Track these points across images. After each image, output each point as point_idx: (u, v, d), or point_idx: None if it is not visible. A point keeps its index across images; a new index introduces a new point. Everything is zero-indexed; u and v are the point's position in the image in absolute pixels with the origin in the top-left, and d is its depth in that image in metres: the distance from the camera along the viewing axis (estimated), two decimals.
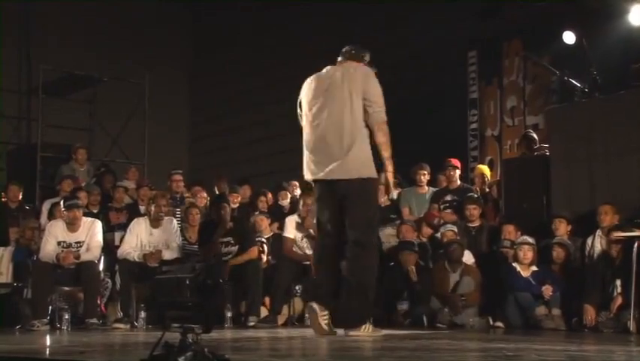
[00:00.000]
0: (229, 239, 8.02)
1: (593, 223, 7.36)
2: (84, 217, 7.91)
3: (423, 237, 8.62)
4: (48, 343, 5.64)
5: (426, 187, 9.22)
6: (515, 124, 10.31)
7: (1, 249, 8.42)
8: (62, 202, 8.01)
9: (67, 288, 7.77)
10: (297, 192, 9.84)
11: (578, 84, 8.38)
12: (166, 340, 3.27)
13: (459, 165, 9.22)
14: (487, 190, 9.21)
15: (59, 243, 7.70)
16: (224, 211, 8.12)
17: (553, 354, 4.36)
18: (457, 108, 10.78)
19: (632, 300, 6.60)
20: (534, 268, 7.40)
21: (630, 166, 7.59)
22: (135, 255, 7.76)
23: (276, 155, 12.82)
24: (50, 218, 8.58)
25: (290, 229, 8.22)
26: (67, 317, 7.10)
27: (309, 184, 5.93)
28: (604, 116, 7.93)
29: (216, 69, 14.92)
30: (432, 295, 7.71)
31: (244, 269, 7.81)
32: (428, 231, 8.70)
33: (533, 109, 10.09)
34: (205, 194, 9.82)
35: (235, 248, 8.00)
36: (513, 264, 7.46)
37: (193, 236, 8.40)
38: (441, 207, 8.91)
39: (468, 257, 7.90)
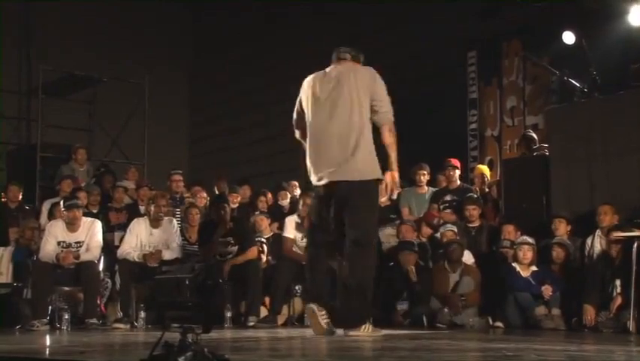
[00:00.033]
0: (229, 239, 8.03)
1: (593, 223, 7.37)
2: (84, 217, 7.91)
3: (423, 237, 8.62)
4: (48, 343, 5.63)
5: (426, 187, 9.22)
6: (515, 124, 10.32)
7: (0, 249, 8.41)
8: (62, 202, 8.01)
9: (67, 288, 7.76)
10: (297, 192, 9.85)
11: (578, 84, 8.39)
12: (166, 340, 3.27)
13: (459, 165, 9.22)
14: (486, 190, 9.21)
15: (59, 243, 7.70)
16: (223, 211, 8.12)
17: (552, 354, 4.36)
18: (457, 108, 10.78)
19: (632, 300, 6.60)
20: (534, 268, 7.40)
21: (630, 166, 7.60)
22: (135, 255, 7.76)
23: (276, 155, 12.84)
24: (50, 218, 8.58)
25: (290, 229, 8.23)
26: (67, 317, 7.09)
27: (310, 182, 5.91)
28: (603, 116, 7.94)
29: (216, 69, 14.92)
30: (432, 295, 7.71)
31: (244, 269, 7.82)
32: (428, 231, 8.70)
33: (533, 109, 10.10)
34: (205, 194, 9.83)
35: (235, 248, 8.00)
36: (513, 264, 7.46)
37: (193, 236, 8.41)
38: (440, 207, 8.91)
39: (468, 257, 7.90)
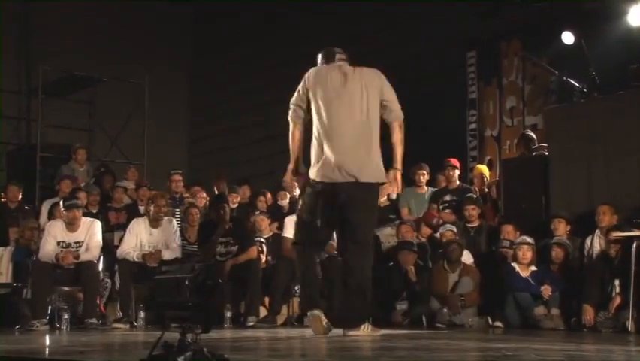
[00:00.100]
0: (228, 239, 8.03)
1: (592, 223, 7.37)
2: (83, 217, 7.91)
3: (422, 237, 8.62)
4: (47, 343, 5.63)
5: (425, 187, 9.23)
6: (514, 124, 10.32)
7: (0, 249, 8.42)
8: (62, 202, 8.01)
9: (66, 288, 7.76)
10: (297, 192, 9.83)
11: (577, 84, 8.40)
12: (165, 340, 3.28)
13: (458, 165, 9.23)
14: (486, 190, 9.21)
15: (59, 243, 7.70)
16: (223, 211, 8.12)
17: (552, 354, 4.36)
18: (457, 108, 10.78)
19: (631, 300, 6.61)
20: (533, 268, 7.40)
21: (629, 166, 7.61)
22: (135, 255, 7.76)
23: (276, 155, 12.81)
24: (50, 218, 8.58)
25: (289, 229, 8.18)
26: (66, 317, 7.08)
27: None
28: (603, 116, 7.94)
29: (216, 69, 14.90)
30: (431, 295, 7.71)
31: (243, 269, 7.82)
32: (427, 231, 8.70)
33: (532, 109, 10.10)
34: (204, 194, 9.83)
35: (234, 248, 8.00)
36: (512, 264, 7.46)
37: (192, 236, 8.41)
38: (440, 207, 8.92)
39: (467, 257, 7.91)
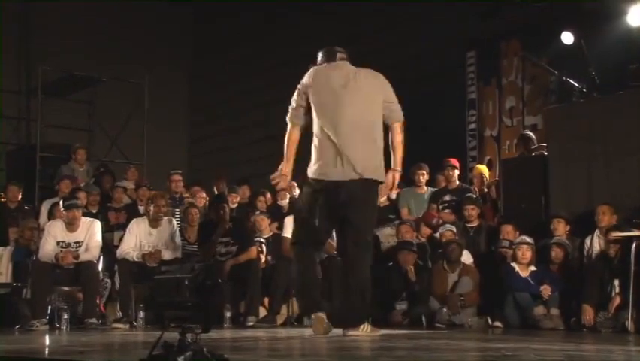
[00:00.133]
0: (228, 239, 8.03)
1: (592, 223, 7.38)
2: (83, 217, 7.91)
3: (422, 237, 8.62)
4: (47, 343, 5.63)
5: (425, 187, 9.23)
6: (514, 124, 10.32)
7: (0, 249, 8.43)
8: (61, 202, 8.02)
9: (66, 288, 7.76)
10: (297, 192, 9.84)
11: (577, 84, 8.40)
12: (165, 340, 3.28)
13: (458, 165, 9.23)
14: (485, 190, 9.21)
15: (58, 243, 7.70)
16: (223, 211, 8.12)
17: (551, 354, 4.37)
18: (456, 108, 10.79)
19: (630, 300, 6.62)
20: (533, 268, 7.40)
21: (629, 166, 7.62)
22: (134, 255, 7.77)
23: (276, 155, 12.77)
24: (50, 218, 8.58)
25: (289, 229, 8.17)
26: (66, 317, 7.08)
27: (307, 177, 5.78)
28: (602, 116, 7.95)
29: (216, 69, 14.91)
30: (431, 295, 7.71)
31: (243, 269, 7.82)
32: (427, 231, 8.70)
33: (532, 109, 10.10)
34: (204, 194, 9.83)
35: (234, 248, 8.01)
36: (512, 264, 7.46)
37: (192, 236, 8.41)
38: (440, 207, 8.92)
39: (467, 257, 7.91)
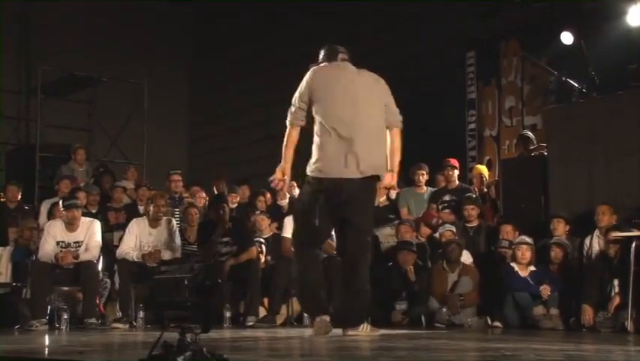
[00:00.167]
0: (228, 239, 8.03)
1: (591, 223, 7.38)
2: (83, 217, 7.91)
3: (421, 237, 8.63)
4: (47, 343, 5.64)
5: (424, 187, 9.23)
6: (513, 124, 10.32)
7: (0, 249, 8.43)
8: (61, 202, 8.02)
9: (66, 288, 7.77)
10: (296, 192, 9.84)
11: (576, 84, 8.41)
12: (165, 340, 3.28)
13: (457, 165, 9.23)
14: (485, 190, 9.21)
15: (58, 243, 7.70)
16: (222, 211, 8.12)
17: (551, 354, 4.37)
18: (456, 108, 10.79)
19: (630, 300, 6.62)
20: (532, 268, 7.41)
21: (628, 166, 7.62)
22: (134, 255, 7.77)
23: (276, 155, 12.78)
24: (49, 218, 8.58)
25: (289, 229, 8.17)
26: (65, 317, 7.09)
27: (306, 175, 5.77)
28: (602, 116, 7.95)
29: (216, 69, 14.91)
30: (430, 295, 7.72)
31: (243, 269, 7.82)
32: (427, 231, 8.70)
33: (531, 109, 10.10)
34: (204, 194, 9.83)
35: (234, 248, 8.01)
36: (511, 264, 7.46)
37: (192, 236, 8.41)
38: (439, 207, 8.92)
39: (466, 257, 7.91)
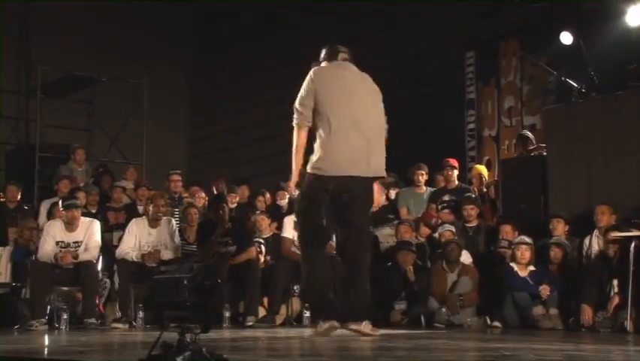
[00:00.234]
0: (227, 239, 8.03)
1: (591, 223, 7.39)
2: (82, 217, 7.91)
3: (421, 237, 8.63)
4: (46, 343, 5.64)
5: (424, 187, 9.23)
6: (513, 124, 10.32)
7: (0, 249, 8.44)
8: (61, 202, 8.02)
9: (65, 288, 7.78)
10: (296, 191, 9.83)
11: (576, 84, 8.41)
12: (164, 340, 3.29)
13: (457, 165, 9.23)
14: (484, 190, 9.21)
15: (58, 243, 7.70)
16: (222, 211, 8.12)
17: (550, 354, 4.37)
18: (455, 108, 10.79)
19: (629, 300, 6.62)
20: (532, 268, 7.41)
21: (628, 166, 7.62)
22: (133, 255, 7.77)
23: (276, 155, 12.83)
24: (49, 218, 8.59)
25: (288, 229, 8.21)
26: (65, 317, 7.10)
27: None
28: (601, 116, 7.95)
29: (216, 69, 14.91)
30: (430, 295, 7.72)
31: (242, 269, 7.82)
32: (426, 231, 8.71)
33: (531, 109, 10.10)
34: (203, 194, 9.83)
35: (233, 248, 8.01)
36: (511, 264, 7.46)
37: (191, 236, 8.41)
38: (439, 207, 8.92)
39: (466, 257, 7.91)
